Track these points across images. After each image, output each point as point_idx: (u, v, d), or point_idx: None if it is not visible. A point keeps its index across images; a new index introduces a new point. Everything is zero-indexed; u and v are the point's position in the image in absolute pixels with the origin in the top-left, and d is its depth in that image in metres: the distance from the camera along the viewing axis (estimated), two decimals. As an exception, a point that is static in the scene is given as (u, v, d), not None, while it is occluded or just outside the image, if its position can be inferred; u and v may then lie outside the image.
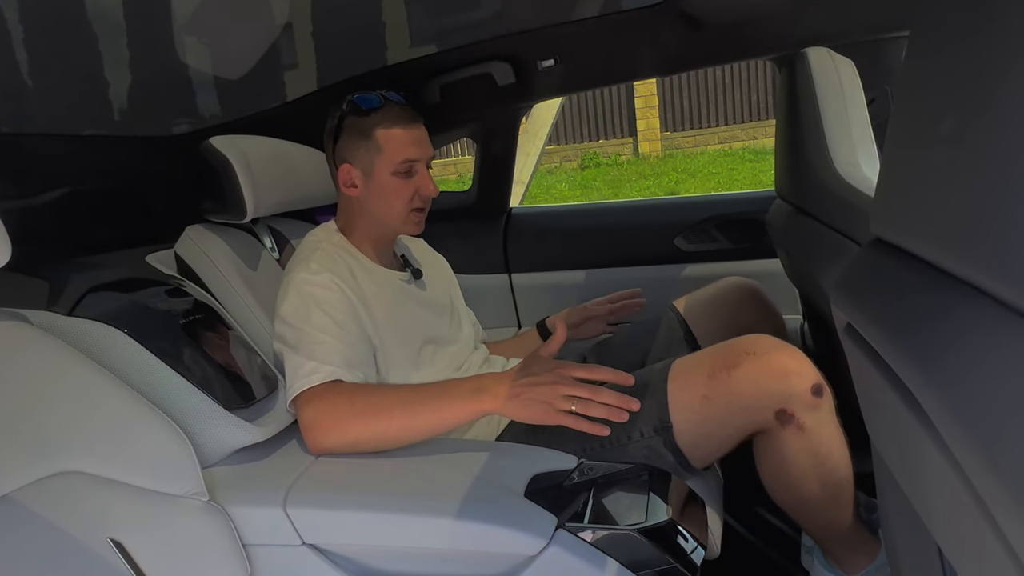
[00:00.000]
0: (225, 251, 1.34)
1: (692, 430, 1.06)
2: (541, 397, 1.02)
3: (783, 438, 1.02)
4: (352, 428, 1.05)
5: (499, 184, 2.10)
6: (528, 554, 0.91)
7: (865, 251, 0.66)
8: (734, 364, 1.03)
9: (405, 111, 1.27)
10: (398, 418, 1.06)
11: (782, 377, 1.01)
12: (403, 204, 1.27)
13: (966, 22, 0.47)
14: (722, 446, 1.08)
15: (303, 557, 0.97)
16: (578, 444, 1.13)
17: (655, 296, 1.75)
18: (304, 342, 1.11)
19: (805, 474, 1.03)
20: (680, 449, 1.07)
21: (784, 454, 1.03)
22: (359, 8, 1.66)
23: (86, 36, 1.40)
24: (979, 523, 0.42)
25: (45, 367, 0.91)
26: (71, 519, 0.82)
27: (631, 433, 1.10)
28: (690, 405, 1.06)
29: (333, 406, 1.06)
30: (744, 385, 1.02)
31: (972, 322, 0.43)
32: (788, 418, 1.01)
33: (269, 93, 1.72)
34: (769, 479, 1.09)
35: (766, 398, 1.01)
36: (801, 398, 1.00)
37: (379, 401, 1.08)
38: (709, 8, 1.52)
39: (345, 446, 1.07)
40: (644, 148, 8.84)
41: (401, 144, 1.25)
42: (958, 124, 0.47)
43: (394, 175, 1.25)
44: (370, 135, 1.25)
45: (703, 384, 1.05)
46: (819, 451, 1.02)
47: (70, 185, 1.36)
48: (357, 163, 1.27)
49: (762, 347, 1.04)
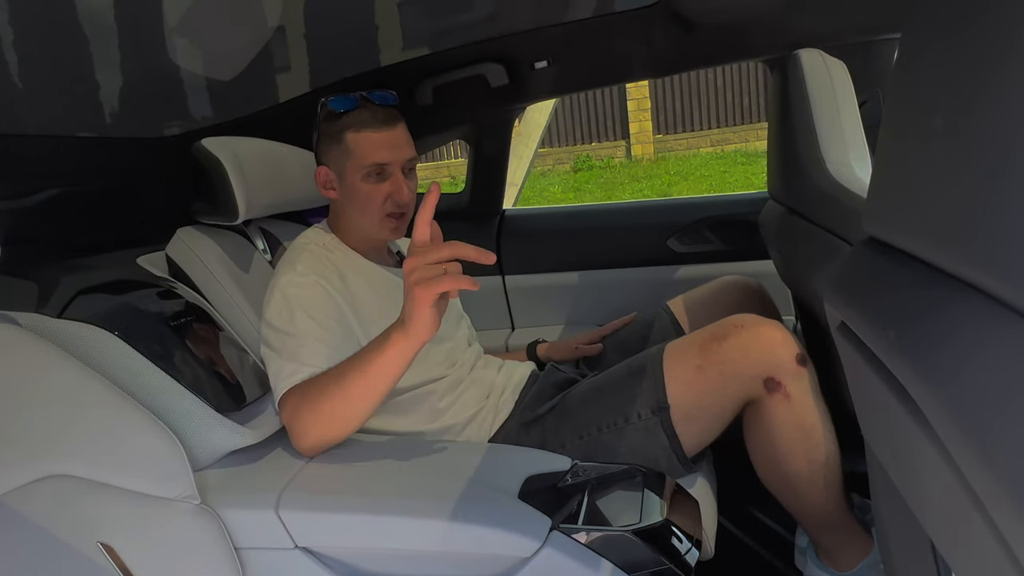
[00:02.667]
0: (217, 253, 1.33)
1: (687, 403, 1.11)
2: (417, 296, 0.93)
3: (771, 408, 1.08)
4: (323, 414, 1.04)
5: (492, 186, 2.10)
6: (522, 556, 0.91)
7: (858, 249, 0.66)
8: (724, 335, 1.11)
9: (378, 113, 1.22)
10: (351, 386, 1.02)
11: (769, 345, 1.08)
12: (375, 209, 1.24)
13: (957, 19, 0.47)
14: (715, 422, 1.12)
15: (296, 560, 0.97)
16: (574, 432, 1.15)
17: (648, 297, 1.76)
18: (287, 345, 1.10)
19: (792, 448, 1.08)
20: (676, 432, 1.11)
21: (772, 426, 1.08)
22: (352, 10, 1.65)
23: (77, 38, 1.39)
24: (973, 518, 0.41)
25: (33, 370, 0.90)
26: (61, 523, 0.81)
27: (628, 415, 1.13)
28: (685, 377, 1.12)
29: (300, 401, 1.05)
30: (735, 352, 1.09)
31: (965, 318, 0.43)
32: (775, 386, 1.07)
33: (261, 95, 1.72)
34: (758, 456, 1.13)
35: (755, 365, 1.07)
36: (787, 366, 1.07)
37: (329, 380, 1.04)
38: (702, 10, 1.52)
39: (325, 434, 1.05)
40: (637, 151, 8.87)
41: (370, 148, 1.21)
42: (950, 121, 0.47)
43: (364, 180, 1.22)
44: (341, 139, 1.22)
45: (696, 356, 1.12)
46: (804, 423, 1.07)
47: (60, 187, 1.35)
48: (332, 166, 1.26)
49: (749, 320, 1.13)
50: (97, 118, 1.48)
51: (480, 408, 1.29)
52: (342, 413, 1.04)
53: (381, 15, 1.68)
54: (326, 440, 1.06)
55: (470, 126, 2.03)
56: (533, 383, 1.36)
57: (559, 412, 1.21)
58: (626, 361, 1.24)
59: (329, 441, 1.07)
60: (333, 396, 1.03)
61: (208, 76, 1.65)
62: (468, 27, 1.67)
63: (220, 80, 1.66)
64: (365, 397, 1.03)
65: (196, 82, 1.64)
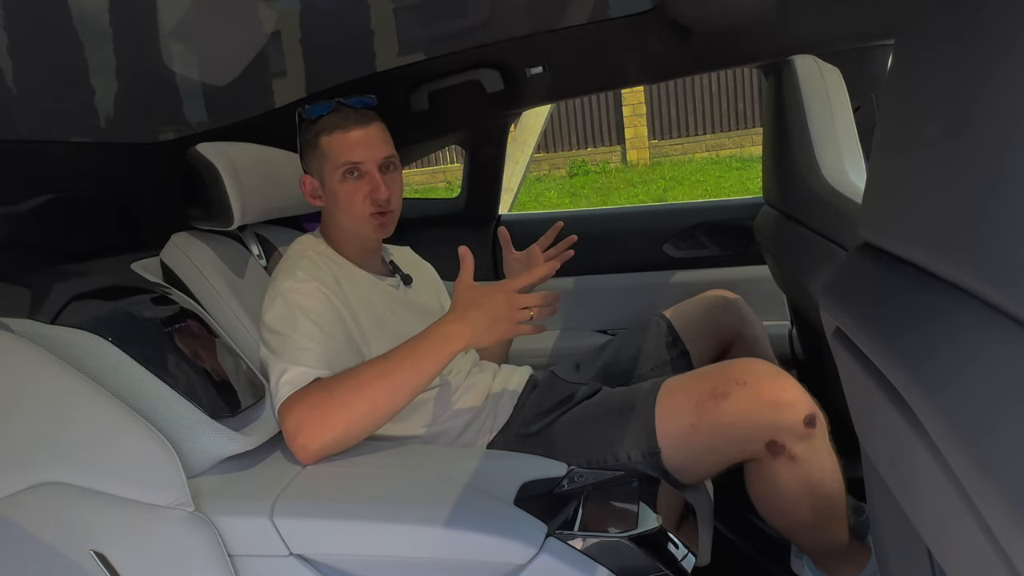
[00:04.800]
0: (212, 258, 1.33)
1: (680, 456, 1.06)
2: (502, 315, 1.05)
3: (774, 468, 1.01)
4: (339, 418, 1.04)
5: (488, 191, 2.10)
6: (518, 562, 0.90)
7: (853, 255, 0.66)
8: (723, 394, 1.02)
9: (350, 114, 1.23)
10: (380, 389, 1.05)
11: (773, 409, 0.99)
12: (358, 209, 1.24)
13: (951, 25, 0.47)
14: (712, 470, 1.09)
15: (290, 567, 0.96)
16: (564, 460, 1.13)
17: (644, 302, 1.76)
18: (289, 348, 1.10)
19: (797, 501, 1.03)
20: (668, 471, 1.07)
21: (775, 483, 1.03)
22: (347, 16, 1.66)
23: (72, 43, 1.39)
24: (969, 525, 0.41)
25: (26, 376, 0.90)
26: (52, 531, 0.81)
27: (618, 456, 1.10)
28: (677, 433, 1.05)
29: (315, 404, 1.04)
30: (733, 416, 1.00)
31: (961, 324, 0.43)
32: (779, 449, 0.99)
33: (256, 100, 1.71)
34: (760, 504, 1.08)
35: (756, 430, 1.00)
36: (792, 429, 0.99)
37: (355, 381, 1.06)
38: (697, 16, 1.53)
39: (336, 440, 1.05)
40: (632, 156, 8.89)
41: (342, 148, 1.22)
42: (944, 128, 0.47)
43: (342, 181, 1.23)
44: (317, 144, 1.24)
45: (691, 413, 1.04)
46: (811, 480, 1.01)
47: (54, 192, 1.35)
48: (313, 173, 1.27)
49: (753, 376, 1.02)
50: (92, 123, 1.48)
51: (476, 414, 1.28)
52: (371, 412, 1.05)
53: (377, 21, 1.68)
54: (337, 442, 1.05)
55: (466, 131, 2.03)
56: (532, 388, 1.36)
57: (550, 435, 1.20)
58: (618, 391, 1.20)
59: (341, 442, 1.06)
60: (348, 400, 1.03)
61: (203, 81, 1.65)
62: (464, 33, 1.67)
63: (215, 85, 1.66)
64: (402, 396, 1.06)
65: (191, 87, 1.64)
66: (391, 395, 1.05)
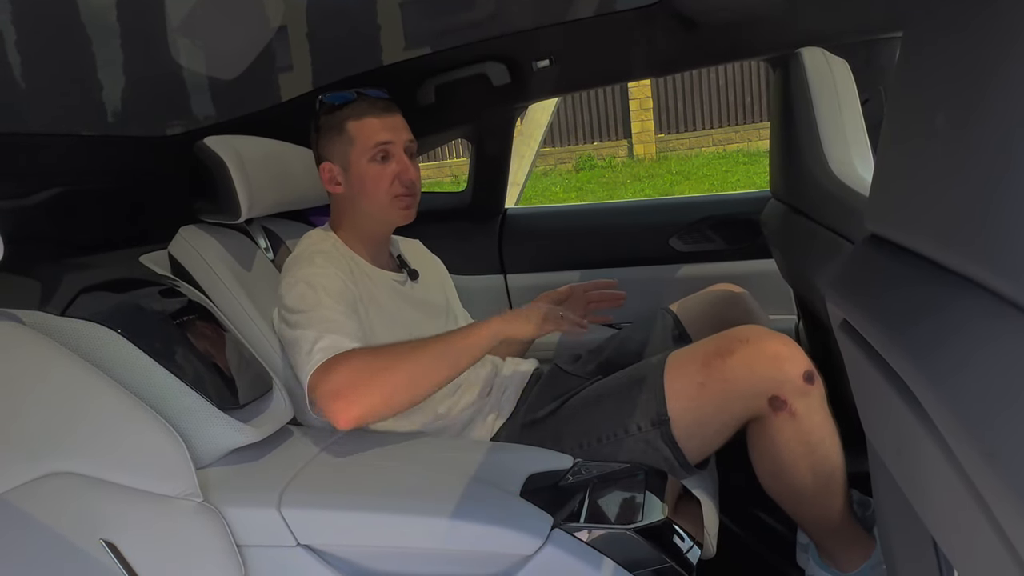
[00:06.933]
0: (219, 252, 1.33)
1: (688, 418, 1.09)
2: (538, 313, 1.16)
3: (776, 425, 1.05)
4: (381, 383, 1.06)
5: (494, 185, 2.10)
6: (524, 554, 0.91)
7: (860, 247, 0.66)
8: (728, 351, 1.07)
9: (376, 102, 1.28)
10: (424, 360, 1.10)
11: (775, 362, 1.04)
12: (384, 191, 1.28)
13: (959, 17, 0.47)
14: (717, 436, 1.10)
15: (298, 558, 0.97)
16: (574, 440, 1.14)
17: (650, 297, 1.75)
18: (316, 320, 1.12)
19: (797, 462, 1.06)
20: (676, 442, 1.09)
21: (776, 442, 1.06)
22: (354, 10, 1.66)
23: (80, 37, 1.40)
24: (976, 517, 0.41)
25: (36, 367, 0.90)
26: (63, 520, 0.82)
27: (628, 427, 1.11)
28: (686, 393, 1.09)
29: (357, 369, 1.06)
30: (739, 371, 1.05)
31: (968, 315, 0.43)
32: (780, 404, 1.03)
33: (263, 94, 1.72)
34: (762, 468, 1.11)
35: (760, 383, 1.04)
36: (793, 383, 1.03)
37: (397, 349, 1.11)
38: (704, 8, 1.52)
39: (374, 408, 1.07)
40: (639, 150, 8.86)
41: (372, 131, 1.26)
42: (952, 119, 0.47)
43: (371, 162, 1.27)
44: (343, 129, 1.27)
45: (698, 372, 1.08)
46: (810, 439, 1.05)
47: (63, 185, 1.36)
48: (335, 159, 1.29)
49: (755, 335, 1.08)
50: (100, 117, 1.49)
51: (480, 407, 1.29)
52: (413, 382, 1.09)
53: (383, 15, 1.69)
54: (376, 409, 1.08)
55: (472, 125, 2.03)
56: (536, 381, 1.36)
57: (559, 418, 1.20)
58: (627, 369, 1.23)
59: (380, 410, 1.09)
60: (393, 366, 1.08)
61: (210, 75, 1.66)
62: (470, 26, 1.67)
63: (222, 79, 1.66)
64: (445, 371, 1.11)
65: (198, 81, 1.65)
66: (431, 370, 1.10)
